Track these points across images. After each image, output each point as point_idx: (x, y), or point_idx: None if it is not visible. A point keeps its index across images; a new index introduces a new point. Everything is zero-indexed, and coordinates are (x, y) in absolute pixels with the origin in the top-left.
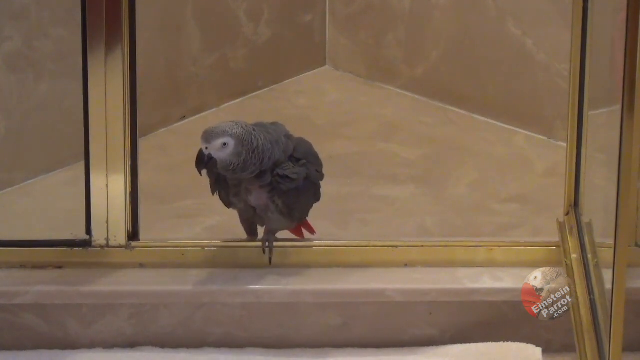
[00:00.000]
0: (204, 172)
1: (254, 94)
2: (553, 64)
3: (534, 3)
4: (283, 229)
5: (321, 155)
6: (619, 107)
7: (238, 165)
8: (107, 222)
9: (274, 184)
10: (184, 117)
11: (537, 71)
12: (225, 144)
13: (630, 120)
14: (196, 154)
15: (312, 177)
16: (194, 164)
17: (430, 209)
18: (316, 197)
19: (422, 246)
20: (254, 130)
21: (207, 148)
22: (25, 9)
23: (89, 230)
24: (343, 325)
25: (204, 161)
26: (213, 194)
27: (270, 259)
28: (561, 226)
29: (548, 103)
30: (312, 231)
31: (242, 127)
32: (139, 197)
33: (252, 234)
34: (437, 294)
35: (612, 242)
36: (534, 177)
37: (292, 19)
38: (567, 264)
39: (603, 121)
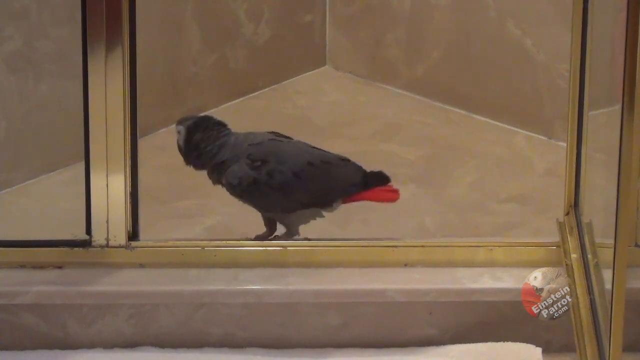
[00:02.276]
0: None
1: (254, 94)
2: (553, 64)
3: (534, 3)
4: (295, 223)
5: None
6: (619, 107)
7: (187, 156)
8: (107, 222)
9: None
10: None
11: (537, 71)
12: (179, 132)
13: (630, 120)
14: None
15: (260, 180)
16: None
17: (430, 209)
18: (285, 196)
19: (422, 246)
20: (210, 128)
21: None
22: (25, 9)
23: (89, 230)
24: (343, 325)
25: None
26: None
27: None
28: (561, 226)
29: (548, 103)
30: (390, 196)
31: (195, 121)
32: (139, 197)
33: (268, 226)
34: (437, 294)
35: (612, 242)
36: (534, 177)
37: (292, 19)
38: (567, 264)
39: (603, 121)
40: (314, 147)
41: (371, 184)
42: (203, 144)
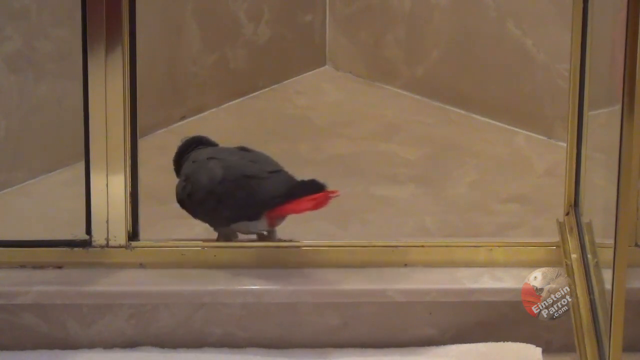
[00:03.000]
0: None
1: (254, 94)
2: (553, 64)
3: (534, 3)
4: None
5: (321, 155)
6: (619, 107)
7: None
8: (107, 222)
9: None
10: (184, 117)
11: (537, 71)
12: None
13: (630, 120)
14: None
15: (184, 199)
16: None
17: (430, 209)
18: (210, 213)
19: (422, 246)
20: (193, 145)
21: None
22: (25, 9)
23: (89, 230)
24: (343, 325)
25: None
26: None
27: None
28: (561, 226)
29: (548, 103)
30: (306, 206)
31: (187, 139)
32: (139, 197)
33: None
34: (437, 294)
35: (612, 242)
36: (534, 177)
37: (292, 19)
38: (567, 264)
39: (603, 121)
40: (255, 161)
41: (296, 195)
42: (179, 161)
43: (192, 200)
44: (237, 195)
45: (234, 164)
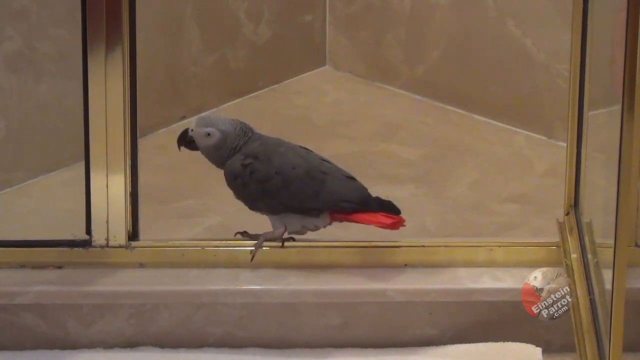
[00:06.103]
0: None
1: (254, 94)
2: (553, 64)
3: (534, 3)
4: (278, 225)
5: (321, 155)
6: (619, 107)
7: (215, 159)
8: (107, 222)
9: None
10: (184, 117)
11: (537, 71)
12: (209, 134)
13: (630, 120)
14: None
15: (244, 174)
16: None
17: (430, 209)
18: (266, 194)
19: (422, 246)
20: (244, 134)
21: (192, 130)
22: (25, 9)
23: (89, 230)
24: (343, 325)
25: (183, 140)
26: None
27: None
28: (561, 226)
29: (548, 103)
30: (384, 221)
31: (233, 126)
32: (139, 197)
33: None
34: (437, 294)
35: (612, 242)
36: (534, 177)
37: (292, 19)
38: (567, 264)
39: (603, 121)
40: (325, 160)
41: (371, 208)
42: (231, 152)
43: (252, 176)
44: (307, 186)
45: (307, 156)
